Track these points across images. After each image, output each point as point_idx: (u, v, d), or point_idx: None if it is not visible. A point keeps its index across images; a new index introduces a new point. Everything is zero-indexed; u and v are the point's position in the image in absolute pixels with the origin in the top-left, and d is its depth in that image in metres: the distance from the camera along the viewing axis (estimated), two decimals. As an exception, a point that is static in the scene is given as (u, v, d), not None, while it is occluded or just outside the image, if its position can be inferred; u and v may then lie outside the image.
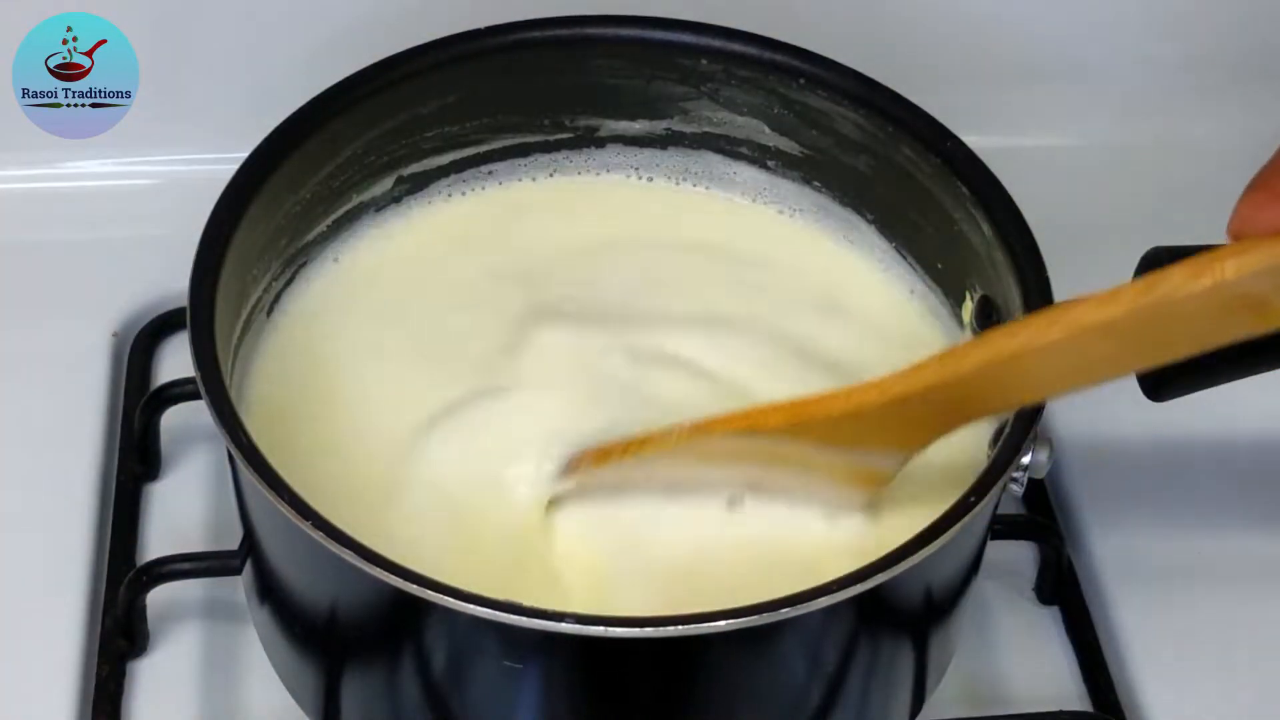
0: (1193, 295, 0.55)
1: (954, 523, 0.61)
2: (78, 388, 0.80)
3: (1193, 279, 0.55)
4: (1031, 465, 0.64)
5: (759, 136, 0.77)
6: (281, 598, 0.68)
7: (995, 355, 0.60)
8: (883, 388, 0.63)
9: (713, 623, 0.58)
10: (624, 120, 0.78)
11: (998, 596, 0.77)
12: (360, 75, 0.72)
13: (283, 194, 0.71)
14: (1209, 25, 0.91)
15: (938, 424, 0.64)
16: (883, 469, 0.66)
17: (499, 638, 0.61)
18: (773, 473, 0.67)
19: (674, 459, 0.67)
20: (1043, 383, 0.62)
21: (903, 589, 0.64)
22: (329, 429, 0.70)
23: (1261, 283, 0.55)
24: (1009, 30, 0.89)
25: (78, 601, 0.73)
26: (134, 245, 0.85)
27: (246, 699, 0.73)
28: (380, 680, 0.67)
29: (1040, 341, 0.59)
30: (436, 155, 0.77)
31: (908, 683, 0.69)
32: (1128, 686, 0.74)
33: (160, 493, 0.79)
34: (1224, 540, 0.78)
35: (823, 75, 0.74)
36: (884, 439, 0.65)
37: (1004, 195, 0.69)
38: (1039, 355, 0.59)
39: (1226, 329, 0.57)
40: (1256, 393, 0.73)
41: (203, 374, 0.63)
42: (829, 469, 0.66)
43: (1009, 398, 0.63)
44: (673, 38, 0.75)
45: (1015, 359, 0.60)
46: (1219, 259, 0.55)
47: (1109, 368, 0.60)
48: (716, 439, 0.66)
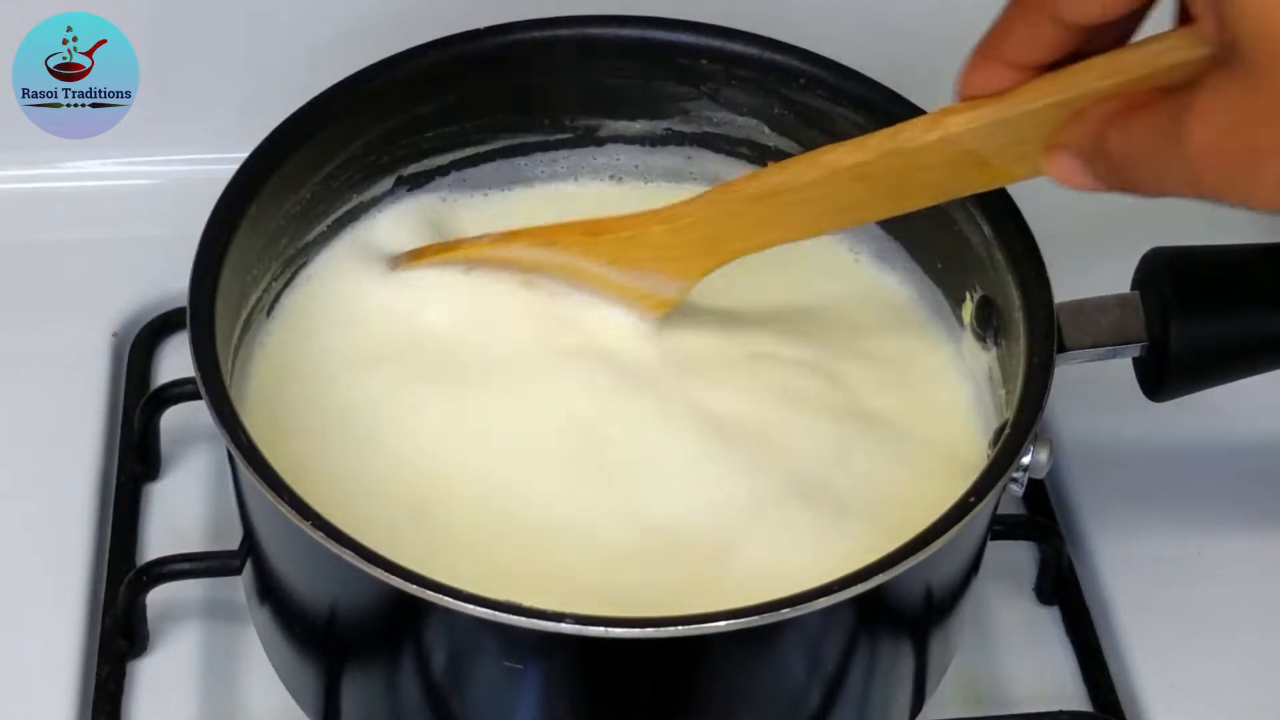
0: (926, 145, 0.62)
1: (954, 523, 0.61)
2: (78, 388, 0.80)
3: (926, 130, 0.62)
4: (1031, 465, 0.64)
5: (759, 136, 0.77)
6: (281, 598, 0.68)
7: (765, 187, 0.67)
8: (670, 214, 0.69)
9: (713, 623, 0.58)
10: (624, 120, 0.78)
11: (998, 596, 0.77)
12: (360, 75, 0.72)
13: (283, 194, 0.71)
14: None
15: (714, 253, 0.70)
16: (665, 294, 0.72)
17: (499, 638, 0.61)
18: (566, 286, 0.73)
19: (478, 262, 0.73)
20: (805, 219, 0.68)
21: (903, 589, 0.64)
22: (329, 428, 0.70)
23: (981, 139, 0.61)
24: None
25: (78, 601, 0.73)
26: (134, 245, 0.85)
27: (246, 699, 0.73)
28: (380, 680, 0.66)
29: (803, 179, 0.66)
30: (436, 155, 0.77)
31: (908, 683, 0.69)
32: (1128, 686, 0.74)
33: (160, 493, 0.79)
34: (1224, 540, 0.78)
35: (823, 75, 0.74)
36: (665, 264, 0.71)
37: (1004, 195, 0.69)
38: (801, 192, 0.66)
39: (958, 181, 0.64)
40: (1256, 393, 0.73)
41: (203, 374, 0.63)
42: (618, 288, 0.72)
43: (779, 231, 0.69)
44: (673, 38, 0.75)
45: (780, 193, 0.66)
46: (946, 114, 0.61)
47: (864, 210, 0.68)
48: (518, 247, 0.73)
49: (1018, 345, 0.67)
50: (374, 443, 0.70)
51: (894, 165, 0.63)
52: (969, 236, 0.71)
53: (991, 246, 0.69)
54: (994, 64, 0.60)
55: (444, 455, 0.69)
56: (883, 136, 0.63)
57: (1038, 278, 0.67)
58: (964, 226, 0.71)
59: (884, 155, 0.63)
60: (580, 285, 0.73)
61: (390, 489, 0.68)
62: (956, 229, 0.71)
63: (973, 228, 0.70)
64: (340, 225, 0.75)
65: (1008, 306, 0.68)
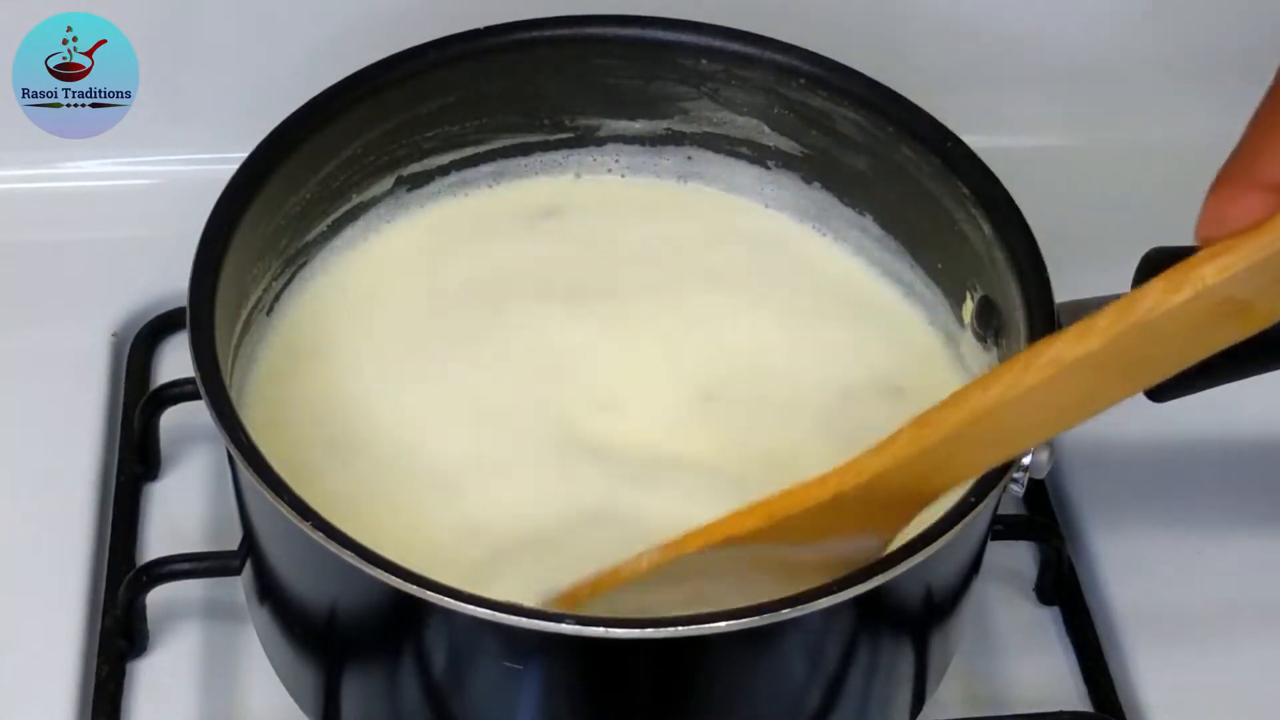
0: (1173, 310, 0.52)
1: (954, 523, 0.61)
2: (78, 388, 0.80)
3: (1171, 293, 0.52)
4: (1031, 465, 0.64)
5: (759, 136, 0.77)
6: (281, 598, 0.68)
7: (972, 412, 0.57)
8: (859, 468, 0.59)
9: (713, 623, 0.58)
10: (624, 120, 0.78)
11: (998, 596, 0.77)
12: (360, 75, 0.72)
13: (283, 194, 0.71)
14: (1210, 25, 0.91)
15: (919, 497, 0.60)
16: (867, 551, 0.61)
17: (499, 638, 0.61)
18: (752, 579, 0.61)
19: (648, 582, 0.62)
20: (1026, 431, 0.58)
21: (903, 589, 0.64)
22: (329, 428, 0.70)
23: (1242, 284, 0.52)
24: (1009, 31, 0.89)
25: (78, 601, 0.73)
26: (134, 245, 0.85)
27: (246, 699, 0.73)
28: (380, 680, 0.66)
29: (1017, 389, 0.56)
30: (436, 155, 0.77)
31: (908, 683, 0.69)
32: (1128, 686, 0.74)
33: (160, 493, 0.79)
34: (1224, 540, 0.78)
35: (823, 75, 0.74)
36: (864, 522, 0.61)
37: (1004, 195, 0.69)
38: (1018, 404, 0.56)
39: (1211, 339, 0.54)
40: (1256, 393, 0.73)
41: (203, 374, 0.63)
42: (808, 563, 0.61)
43: (993, 453, 0.60)
44: (673, 38, 0.75)
45: (993, 412, 0.56)
46: (1195, 266, 0.52)
47: (1093, 403, 0.57)
48: (691, 556, 0.61)
49: (1018, 345, 0.67)
50: (375, 443, 0.70)
51: (1133, 342, 0.53)
52: (969, 236, 0.71)
53: (992, 246, 0.69)
54: (1249, 191, 0.52)
55: (446, 455, 0.69)
56: (1113, 314, 0.53)
57: (1038, 277, 0.67)
58: (964, 226, 0.71)
59: (1119, 336, 0.53)
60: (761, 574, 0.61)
61: (390, 486, 0.68)
62: (957, 228, 0.71)
63: (973, 227, 0.70)
64: (340, 225, 0.75)
65: (1008, 306, 0.68)
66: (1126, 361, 0.54)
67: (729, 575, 0.62)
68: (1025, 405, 0.56)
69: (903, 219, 0.75)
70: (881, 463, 0.59)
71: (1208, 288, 0.52)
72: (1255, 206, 0.51)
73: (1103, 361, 0.54)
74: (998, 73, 0.90)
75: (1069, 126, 0.92)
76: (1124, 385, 0.56)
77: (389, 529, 0.66)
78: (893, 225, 0.76)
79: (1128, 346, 0.53)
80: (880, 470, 0.59)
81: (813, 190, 0.77)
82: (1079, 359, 0.54)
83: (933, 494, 0.60)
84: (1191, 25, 0.91)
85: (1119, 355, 0.54)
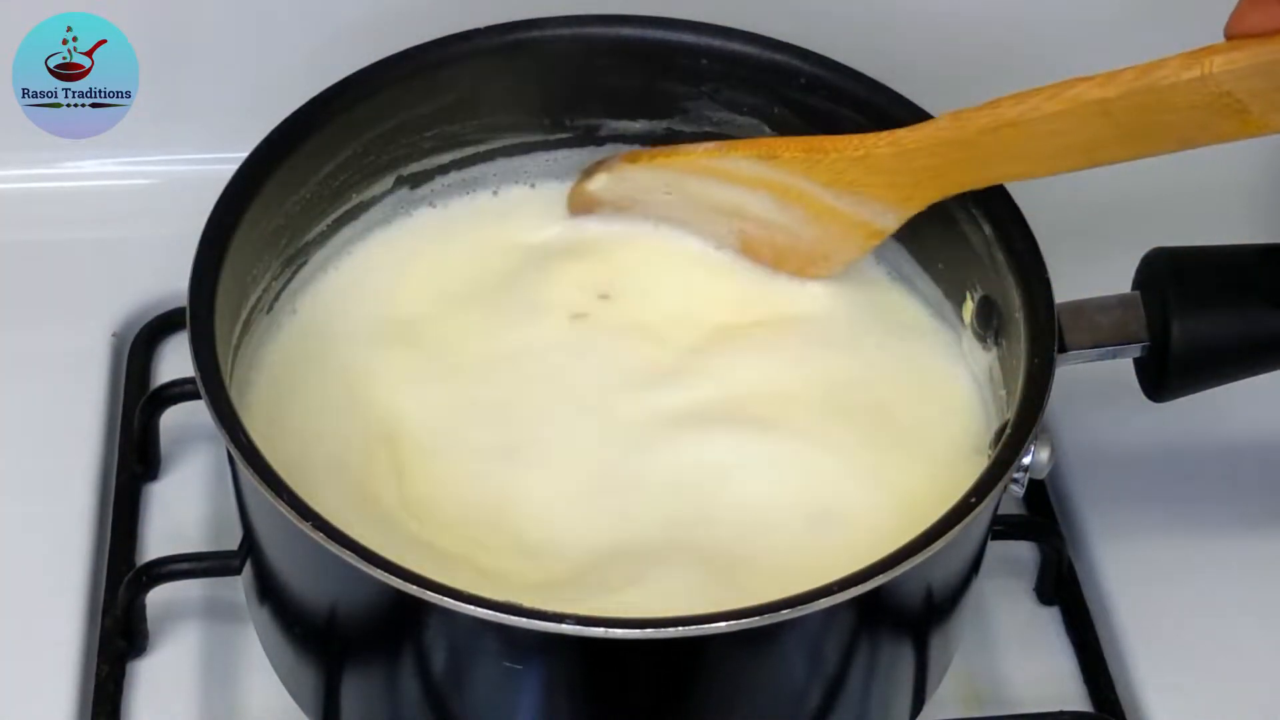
0: (1180, 84, 0.59)
1: (954, 523, 0.61)
2: (78, 388, 0.80)
3: (1184, 68, 0.58)
4: (1032, 465, 0.64)
5: (759, 136, 0.77)
6: (281, 598, 0.68)
7: (1001, 119, 0.64)
8: (895, 138, 0.67)
9: (713, 624, 0.58)
10: (624, 120, 0.78)
11: (998, 596, 0.77)
12: (360, 75, 0.72)
13: (283, 194, 0.71)
14: (1209, 25, 0.90)
15: (939, 184, 0.67)
16: (878, 223, 0.69)
17: (499, 638, 0.61)
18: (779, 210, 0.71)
19: (692, 173, 0.72)
20: (1039, 156, 0.64)
21: (903, 589, 0.64)
22: (329, 428, 0.70)
23: (1244, 82, 0.57)
24: (1008, 30, 0.89)
25: (78, 601, 0.73)
26: (134, 245, 0.85)
27: (246, 699, 0.73)
28: (380, 680, 0.66)
29: (1040, 112, 0.62)
30: (436, 155, 0.77)
31: (908, 683, 0.69)
32: (1128, 686, 0.74)
33: (160, 493, 0.79)
34: (1224, 540, 0.78)
35: (823, 75, 0.74)
36: (887, 191, 0.68)
37: (1004, 195, 0.69)
38: (1039, 125, 0.62)
39: (1209, 128, 0.60)
40: (1256, 393, 0.73)
41: (202, 374, 0.63)
42: (829, 214, 0.70)
43: (1007, 167, 0.66)
44: (673, 38, 0.75)
45: (1015, 126, 0.63)
46: (1209, 53, 0.58)
47: (1101, 151, 0.63)
48: (735, 159, 0.71)
49: (1018, 345, 0.67)
50: (375, 442, 0.70)
51: (1142, 103, 0.60)
52: (969, 236, 0.71)
53: (992, 246, 0.69)
54: (1273, 3, 0.57)
55: (448, 454, 0.69)
56: (1135, 71, 0.60)
57: (1038, 277, 0.67)
58: (965, 226, 0.71)
59: (1133, 92, 0.60)
60: (792, 207, 0.71)
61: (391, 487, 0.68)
62: (957, 228, 0.71)
63: (973, 227, 0.70)
64: (340, 225, 0.75)
65: (1008, 306, 0.68)
66: (1134, 121, 0.61)
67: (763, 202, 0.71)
68: (1042, 130, 0.63)
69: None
70: (913, 139, 0.67)
71: (1212, 74, 0.58)
72: (1275, 16, 0.56)
73: (1115, 111, 0.61)
74: (998, 73, 0.90)
75: (1069, 126, 0.92)
76: (1126, 146, 0.63)
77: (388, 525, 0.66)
78: (893, 225, 0.76)
79: (1139, 105, 0.60)
80: (910, 145, 0.67)
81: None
82: (1097, 100, 0.60)
83: (947, 188, 0.68)
84: (1191, 25, 0.90)
85: (1130, 111, 0.60)
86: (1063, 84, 0.62)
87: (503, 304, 0.75)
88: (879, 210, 0.70)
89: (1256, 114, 0.59)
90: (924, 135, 0.67)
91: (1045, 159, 0.65)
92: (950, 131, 0.66)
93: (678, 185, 0.74)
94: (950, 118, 0.66)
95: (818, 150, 0.69)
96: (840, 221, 0.71)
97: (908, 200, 0.69)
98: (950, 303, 0.74)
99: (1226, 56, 0.58)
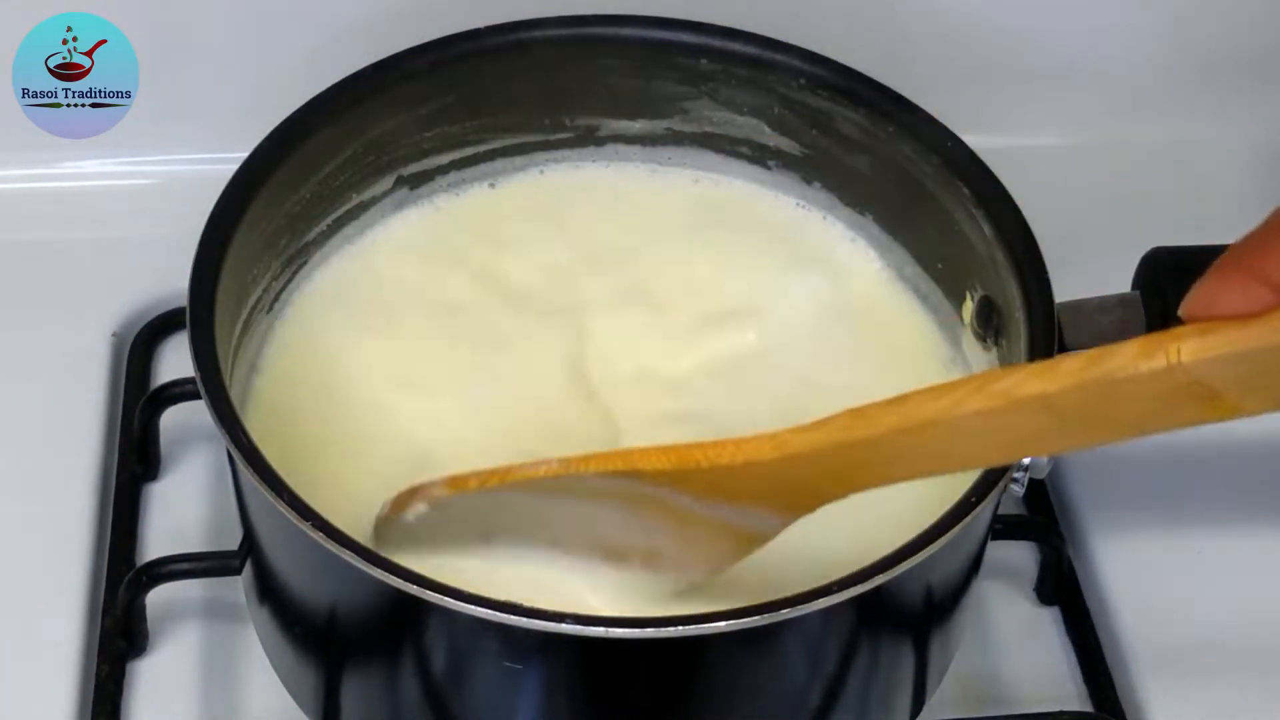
0: (1139, 376, 0.50)
1: (954, 523, 0.61)
2: (78, 388, 0.80)
3: (1142, 358, 0.50)
4: (1032, 465, 0.64)
5: (759, 136, 0.77)
6: (281, 598, 0.68)
7: (910, 420, 0.55)
8: (778, 442, 0.57)
9: (713, 623, 0.58)
10: (624, 120, 0.78)
11: (998, 596, 0.77)
12: (360, 75, 0.72)
13: (283, 194, 0.71)
14: (1209, 25, 0.91)
15: (834, 486, 0.58)
16: (759, 530, 0.60)
17: (499, 638, 0.61)
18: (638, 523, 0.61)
19: (538, 495, 0.62)
20: (961, 454, 0.56)
21: (903, 589, 0.64)
22: (329, 428, 0.70)
23: (1218, 371, 0.50)
24: (1009, 30, 0.89)
25: (78, 601, 0.73)
26: (134, 245, 0.85)
27: (246, 699, 0.73)
28: (380, 680, 0.66)
29: (961, 410, 0.53)
30: (436, 155, 0.77)
31: (908, 683, 0.69)
32: (1128, 686, 0.74)
33: (160, 493, 0.79)
34: (1224, 540, 0.78)
35: (823, 75, 0.74)
36: (771, 498, 0.59)
37: (1004, 195, 0.69)
38: (958, 425, 0.54)
39: (1172, 416, 0.52)
40: (1256, 393, 0.73)
41: (203, 374, 0.63)
42: (701, 524, 0.60)
43: (921, 466, 0.57)
44: (673, 38, 0.75)
45: (932, 425, 0.54)
46: (1174, 339, 0.50)
47: (1037, 444, 0.56)
48: (589, 478, 0.60)
49: (1018, 345, 0.67)
50: (375, 442, 0.70)
51: (1092, 396, 0.51)
52: (969, 236, 0.71)
53: (992, 246, 0.69)
54: (1249, 281, 0.49)
55: (448, 453, 0.69)
56: (1081, 361, 0.51)
57: (1038, 277, 0.67)
58: (965, 226, 0.71)
59: (1081, 385, 0.51)
60: (651, 521, 0.61)
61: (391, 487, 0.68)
62: (957, 228, 0.71)
63: (973, 227, 0.70)
64: (340, 224, 0.75)
65: (1008, 306, 0.68)
66: (1081, 414, 0.52)
67: (616, 515, 0.61)
68: (965, 428, 0.54)
69: (903, 219, 0.75)
70: (806, 442, 0.57)
71: (1181, 364, 0.50)
72: (1252, 298, 0.49)
73: (1057, 406, 0.52)
74: (998, 73, 0.90)
75: (1069, 126, 0.92)
76: (1071, 438, 0.55)
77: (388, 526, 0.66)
78: (892, 225, 0.76)
79: (1086, 399, 0.52)
80: (802, 450, 0.57)
81: (813, 190, 0.77)
82: (1032, 397, 0.52)
83: (842, 492, 0.58)
84: (1192, 25, 0.91)
85: (1075, 405, 0.52)
86: (989, 374, 0.54)
87: (503, 304, 0.75)
88: (760, 518, 0.60)
89: (1231, 400, 0.51)
90: (817, 438, 0.57)
91: (967, 456, 0.56)
92: (852, 433, 0.56)
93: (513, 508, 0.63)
94: (850, 415, 0.56)
95: (687, 461, 0.59)
96: (712, 531, 0.61)
97: (793, 507, 0.59)
98: (950, 303, 0.74)
99: (1198, 343, 0.49)
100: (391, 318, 0.74)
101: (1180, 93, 0.92)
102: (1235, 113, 0.92)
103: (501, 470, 0.62)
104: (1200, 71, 0.92)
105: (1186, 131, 0.92)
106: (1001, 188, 0.69)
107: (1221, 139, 0.89)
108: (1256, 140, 0.85)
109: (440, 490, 0.64)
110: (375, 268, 0.76)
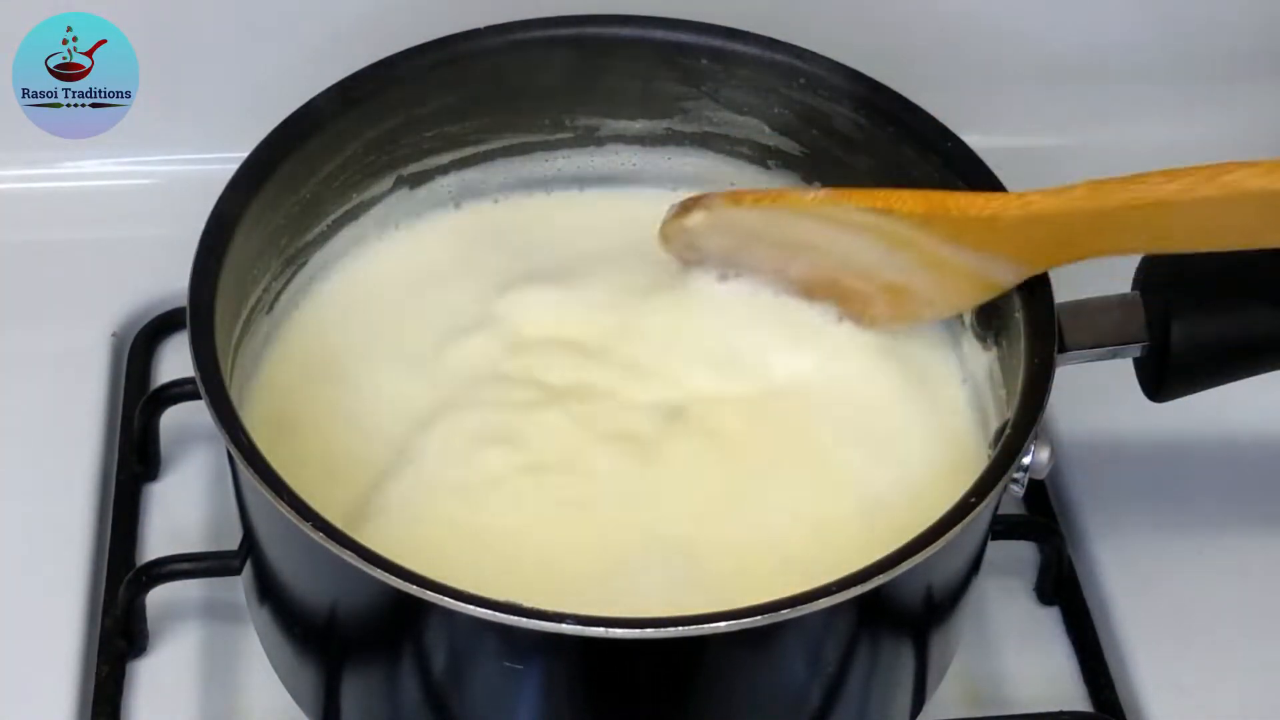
0: None
1: (954, 523, 0.61)
2: (78, 388, 0.80)
3: None
4: (1032, 465, 0.64)
5: (759, 136, 0.77)
6: (281, 598, 0.68)
7: (1143, 198, 0.60)
8: (1024, 201, 0.63)
9: (713, 623, 0.58)
10: (624, 120, 0.78)
11: (998, 596, 0.77)
12: (360, 75, 0.72)
13: (283, 194, 0.71)
14: (1209, 25, 0.91)
15: (1066, 250, 0.64)
16: (997, 279, 0.66)
17: (499, 638, 0.61)
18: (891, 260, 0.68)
19: (800, 221, 0.68)
20: (1176, 235, 0.61)
21: (903, 589, 0.64)
22: (329, 429, 0.70)
23: None
24: (1009, 30, 0.89)
25: (78, 601, 0.73)
26: (134, 245, 0.85)
27: (246, 699, 0.73)
28: (380, 680, 0.66)
29: (1192, 195, 0.59)
30: (436, 155, 0.77)
31: (908, 683, 0.69)
32: (1128, 686, 0.74)
33: (160, 493, 0.79)
34: (1224, 540, 0.78)
35: (823, 75, 0.74)
36: (1011, 251, 0.65)
37: (1004, 195, 0.69)
38: (1185, 208, 0.59)
39: None
40: (1256, 393, 0.73)
41: (202, 374, 0.63)
42: (941, 265, 0.67)
43: (1143, 240, 0.63)
44: (673, 38, 0.75)
45: (1163, 205, 0.60)
46: None
47: (1243, 237, 0.60)
48: (848, 209, 0.67)
49: (1018, 345, 0.67)
50: (376, 442, 0.70)
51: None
52: (969, 236, 0.71)
53: (992, 246, 0.69)
54: None
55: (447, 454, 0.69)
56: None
57: (1038, 277, 0.67)
58: (964, 226, 0.71)
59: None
60: (902, 257, 0.68)
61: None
62: (957, 229, 0.71)
63: (973, 227, 0.70)
64: (340, 225, 0.75)
65: (1008, 306, 0.68)
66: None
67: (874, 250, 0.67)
68: (1189, 212, 0.59)
69: (903, 218, 0.75)
70: (1048, 205, 0.63)
71: None
72: None
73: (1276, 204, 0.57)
74: (997, 73, 0.90)
75: (1069, 126, 0.92)
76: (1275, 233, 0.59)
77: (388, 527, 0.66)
78: (893, 225, 0.76)
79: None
80: (1043, 211, 0.63)
81: (813, 190, 0.77)
82: (1258, 192, 0.57)
83: (1074, 255, 0.64)
84: (1191, 25, 0.91)
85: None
86: (1222, 166, 0.59)
87: (503, 304, 0.75)
88: (998, 266, 0.66)
89: None
90: (1058, 203, 0.63)
91: (1190, 238, 0.62)
92: (1088, 202, 0.62)
93: (779, 229, 0.70)
94: (1089, 187, 0.62)
95: (939, 207, 0.66)
96: (953, 273, 0.67)
97: (1030, 261, 0.66)
98: (950, 302, 0.74)
99: None
100: (392, 317, 0.74)
101: (1180, 93, 0.92)
102: (1235, 112, 0.92)
103: (774, 192, 0.71)
104: (1200, 71, 0.92)
105: (1186, 131, 0.92)
106: (1001, 187, 0.69)
107: (1221, 139, 0.89)
108: (1257, 140, 0.84)
109: (719, 201, 0.71)
110: (375, 268, 0.76)
